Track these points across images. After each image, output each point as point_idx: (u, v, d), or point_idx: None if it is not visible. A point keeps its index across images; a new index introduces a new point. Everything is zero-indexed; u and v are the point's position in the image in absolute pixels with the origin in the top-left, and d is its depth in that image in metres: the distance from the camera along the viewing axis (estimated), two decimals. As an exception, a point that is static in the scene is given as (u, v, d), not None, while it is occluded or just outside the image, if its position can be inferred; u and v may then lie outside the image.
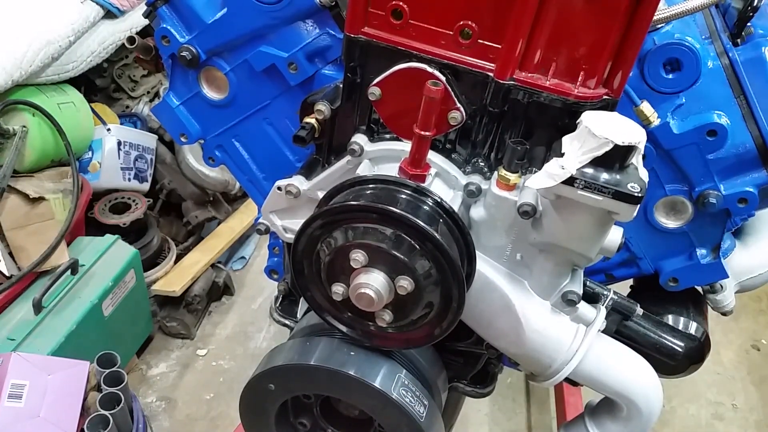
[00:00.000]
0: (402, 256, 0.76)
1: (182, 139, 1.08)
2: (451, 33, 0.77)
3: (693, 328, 1.00)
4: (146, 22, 1.46)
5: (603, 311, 0.89)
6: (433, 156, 0.84)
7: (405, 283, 0.77)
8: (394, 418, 0.90)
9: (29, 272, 1.46)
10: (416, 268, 0.77)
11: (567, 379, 0.90)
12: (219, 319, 2.19)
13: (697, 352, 0.97)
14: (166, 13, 0.97)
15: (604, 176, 0.69)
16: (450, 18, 0.76)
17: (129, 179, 2.03)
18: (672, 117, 0.88)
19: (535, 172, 0.80)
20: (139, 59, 1.08)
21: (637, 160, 0.71)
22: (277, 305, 1.18)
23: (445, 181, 0.86)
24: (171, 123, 1.07)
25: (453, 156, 0.86)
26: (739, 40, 0.86)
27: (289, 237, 0.98)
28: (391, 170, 0.84)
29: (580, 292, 0.85)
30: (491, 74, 0.77)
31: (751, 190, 0.90)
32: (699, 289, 1.08)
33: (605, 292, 0.92)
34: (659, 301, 1.04)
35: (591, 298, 0.90)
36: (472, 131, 0.83)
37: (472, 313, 0.89)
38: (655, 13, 0.73)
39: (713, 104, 0.87)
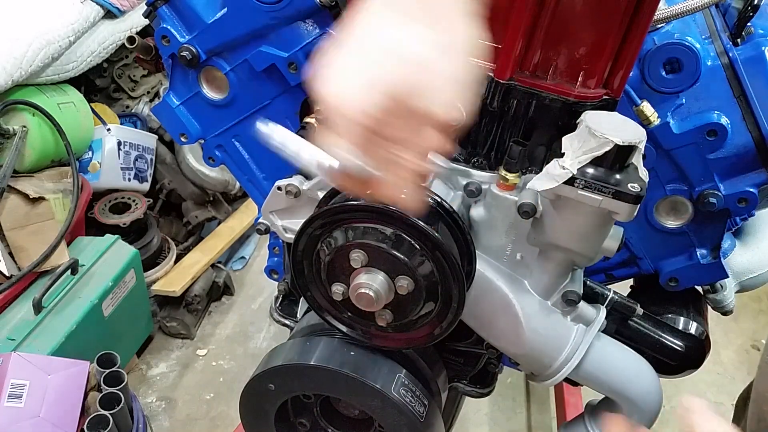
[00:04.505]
0: (402, 256, 0.76)
1: (182, 139, 1.08)
2: (451, 33, 0.77)
3: (693, 328, 1.00)
4: (146, 22, 1.47)
5: (603, 311, 0.89)
6: (433, 156, 0.84)
7: (405, 283, 0.78)
8: (394, 418, 0.90)
9: (29, 272, 1.46)
10: (416, 268, 0.77)
11: (567, 379, 0.90)
12: (219, 319, 2.19)
13: (697, 352, 0.97)
14: (166, 13, 0.97)
15: (604, 176, 0.69)
16: (450, 18, 0.76)
17: (129, 179, 2.03)
18: (672, 117, 0.88)
19: (535, 172, 0.80)
20: (139, 59, 1.08)
21: (637, 160, 0.71)
22: (277, 305, 1.18)
23: (445, 181, 0.86)
24: (171, 123, 1.07)
25: (453, 156, 0.85)
26: (739, 40, 0.86)
27: (289, 237, 0.98)
28: (391, 170, 0.84)
29: (581, 291, 0.85)
30: (491, 74, 0.77)
31: (751, 189, 0.90)
32: (699, 289, 1.08)
33: (605, 292, 0.92)
34: (659, 301, 1.04)
35: (591, 298, 0.90)
36: (471, 131, 0.83)
37: (472, 313, 0.89)
38: (655, 13, 0.73)
39: (713, 104, 0.87)
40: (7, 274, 1.45)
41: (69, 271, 1.51)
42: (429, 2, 0.51)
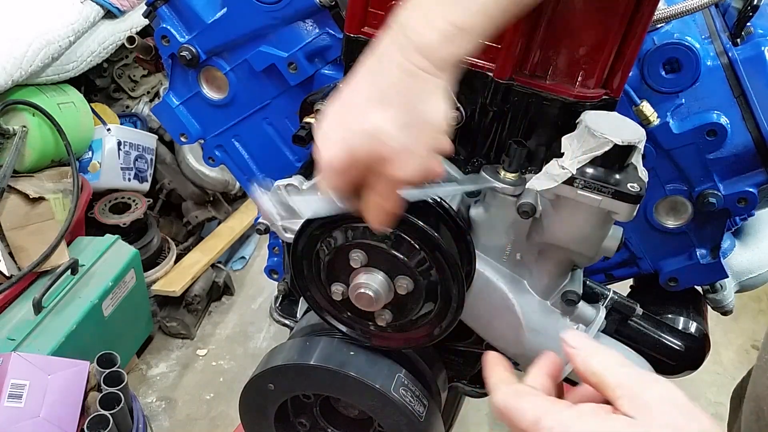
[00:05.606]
0: (401, 256, 0.76)
1: (182, 139, 1.08)
2: (450, 33, 0.76)
3: (693, 328, 1.00)
4: (146, 22, 1.47)
5: (603, 311, 0.89)
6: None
7: (404, 283, 0.78)
8: (393, 418, 0.90)
9: (29, 272, 1.46)
10: (416, 268, 0.77)
11: (567, 379, 0.90)
12: (219, 319, 2.20)
13: (697, 352, 0.97)
14: (166, 13, 0.97)
15: (604, 176, 0.69)
16: (450, 18, 0.76)
17: (129, 179, 2.03)
18: (672, 117, 0.88)
19: (535, 172, 0.80)
20: (139, 59, 1.08)
21: (636, 159, 0.71)
22: (277, 305, 1.18)
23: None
24: (171, 123, 1.07)
25: (452, 156, 0.86)
26: (738, 40, 0.86)
27: (289, 237, 0.98)
28: (390, 170, 0.84)
29: (580, 291, 0.85)
30: (490, 74, 0.76)
31: (751, 189, 0.90)
32: (699, 289, 1.08)
33: (605, 292, 0.92)
34: (659, 300, 1.04)
35: (591, 298, 0.90)
36: (471, 131, 0.83)
37: (471, 313, 0.89)
38: (655, 13, 0.73)
39: (713, 104, 0.87)
40: (7, 274, 1.45)
41: (69, 271, 1.51)
42: (406, 84, 0.61)
